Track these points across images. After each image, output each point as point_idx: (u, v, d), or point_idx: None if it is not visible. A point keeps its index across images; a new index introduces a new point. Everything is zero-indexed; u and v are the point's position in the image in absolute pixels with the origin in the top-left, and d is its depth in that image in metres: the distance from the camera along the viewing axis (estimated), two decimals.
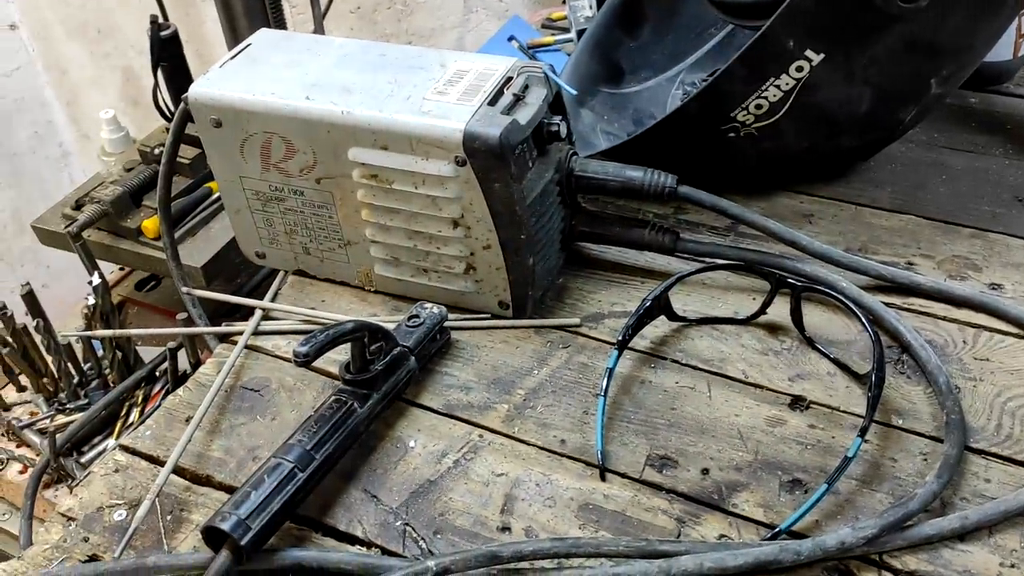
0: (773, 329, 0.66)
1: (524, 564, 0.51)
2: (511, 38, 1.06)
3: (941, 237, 0.74)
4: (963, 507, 0.52)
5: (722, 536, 0.53)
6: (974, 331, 0.65)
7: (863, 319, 0.59)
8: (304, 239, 0.71)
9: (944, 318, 0.66)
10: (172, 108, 1.00)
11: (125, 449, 0.61)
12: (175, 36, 0.97)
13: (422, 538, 0.54)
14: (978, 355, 0.63)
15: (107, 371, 0.87)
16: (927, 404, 0.60)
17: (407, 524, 0.54)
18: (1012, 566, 0.50)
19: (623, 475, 0.57)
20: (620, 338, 0.62)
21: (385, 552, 0.53)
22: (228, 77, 0.66)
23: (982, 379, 0.61)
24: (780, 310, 0.65)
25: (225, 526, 0.49)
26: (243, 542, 0.49)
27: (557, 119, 0.64)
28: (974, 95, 0.92)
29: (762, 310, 0.66)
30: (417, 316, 0.64)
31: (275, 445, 0.56)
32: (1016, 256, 0.71)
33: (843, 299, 0.63)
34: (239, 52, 0.70)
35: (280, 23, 1.06)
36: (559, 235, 0.70)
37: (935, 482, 0.52)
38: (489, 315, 0.69)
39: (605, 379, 0.60)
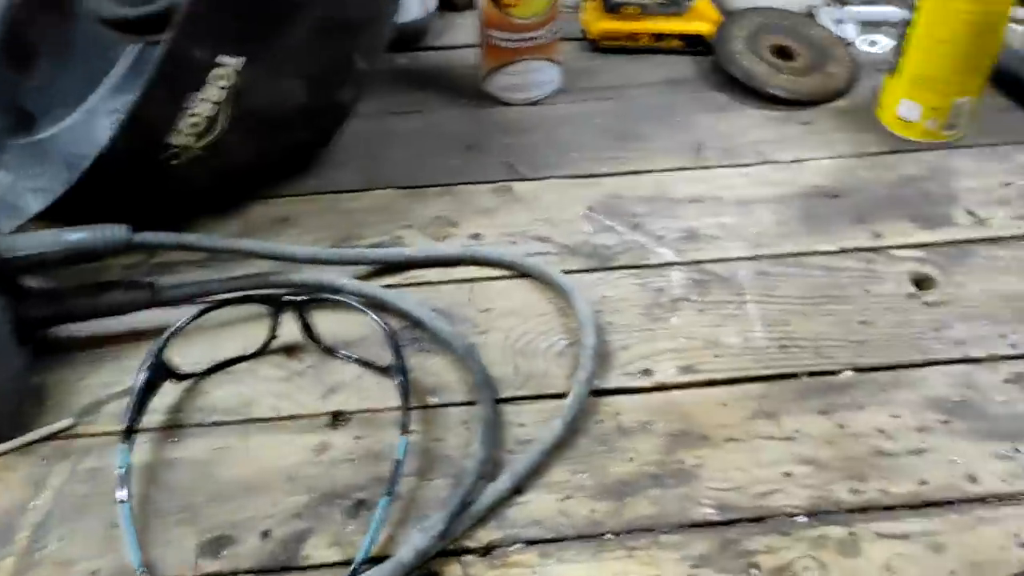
0: (291, 351, 0.62)
1: None
2: None
3: (415, 203, 0.75)
4: (511, 461, 0.54)
5: None
6: (470, 285, 0.67)
7: (367, 312, 0.58)
8: None
9: (442, 282, 0.68)
10: None
11: None
12: None
13: None
14: (479, 307, 0.65)
15: None
16: (453, 373, 0.61)
17: None
18: (568, 497, 0.53)
19: None
20: (126, 425, 0.54)
21: None
22: None
23: (489, 329, 0.64)
24: (291, 328, 0.62)
25: None
26: None
27: None
28: (403, 56, 0.95)
29: (272, 337, 0.62)
30: None
31: None
32: (483, 201, 0.75)
33: (343, 299, 0.61)
34: None
35: None
36: (10, 333, 0.58)
37: (480, 449, 0.53)
38: None
39: (121, 479, 0.51)
